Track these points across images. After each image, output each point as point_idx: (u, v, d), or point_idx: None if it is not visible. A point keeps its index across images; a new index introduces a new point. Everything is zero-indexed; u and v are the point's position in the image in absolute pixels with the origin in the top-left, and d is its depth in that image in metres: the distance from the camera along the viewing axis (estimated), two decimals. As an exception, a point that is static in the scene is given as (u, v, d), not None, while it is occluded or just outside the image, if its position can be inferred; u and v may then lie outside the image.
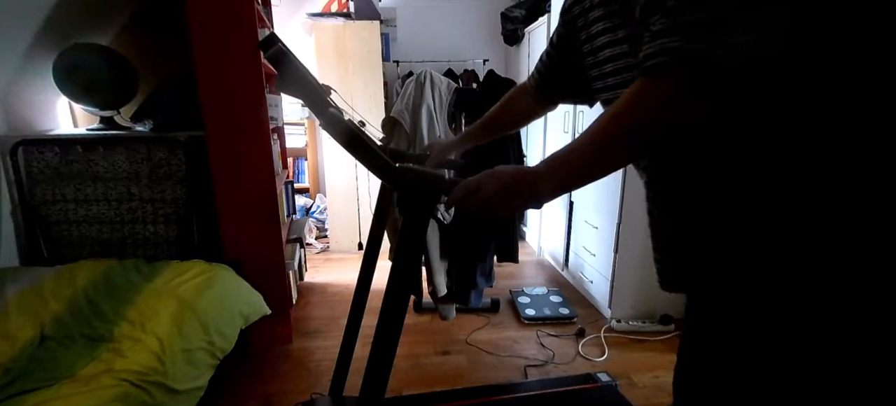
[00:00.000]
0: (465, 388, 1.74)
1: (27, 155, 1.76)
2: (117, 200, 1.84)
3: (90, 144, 1.79)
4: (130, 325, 1.32)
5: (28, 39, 1.73)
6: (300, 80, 0.77)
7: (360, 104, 3.07)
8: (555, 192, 0.70)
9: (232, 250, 1.88)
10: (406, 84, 2.25)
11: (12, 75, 1.73)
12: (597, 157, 0.67)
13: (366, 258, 1.25)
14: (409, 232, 0.79)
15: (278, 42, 0.77)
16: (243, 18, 1.71)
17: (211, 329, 1.44)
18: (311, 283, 2.79)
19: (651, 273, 2.42)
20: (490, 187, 0.71)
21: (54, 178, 1.79)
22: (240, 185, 1.84)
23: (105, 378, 1.10)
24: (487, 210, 0.72)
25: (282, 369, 1.89)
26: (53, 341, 1.25)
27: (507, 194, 0.70)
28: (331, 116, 0.77)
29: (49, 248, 1.83)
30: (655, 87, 0.60)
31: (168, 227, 1.88)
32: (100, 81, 1.82)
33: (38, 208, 1.80)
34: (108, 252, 1.85)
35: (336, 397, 1.34)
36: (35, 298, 1.40)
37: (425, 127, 2.10)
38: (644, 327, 2.17)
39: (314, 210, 3.77)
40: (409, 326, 2.23)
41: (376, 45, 3.08)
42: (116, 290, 1.50)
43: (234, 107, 1.77)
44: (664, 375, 1.85)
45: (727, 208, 0.67)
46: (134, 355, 1.19)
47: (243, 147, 1.81)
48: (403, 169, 0.80)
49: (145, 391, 1.13)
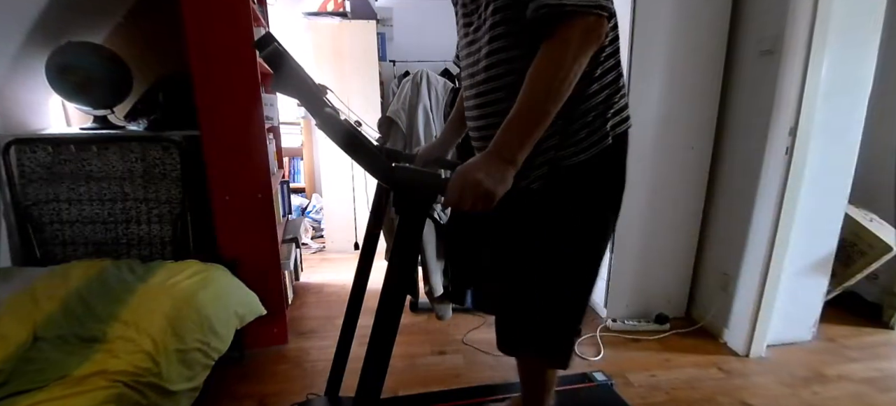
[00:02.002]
0: (461, 388, 1.75)
1: (19, 154, 1.74)
2: (111, 200, 1.82)
3: (83, 144, 1.78)
4: (124, 325, 1.31)
5: (20, 37, 1.71)
6: (296, 79, 0.77)
7: (357, 104, 3.06)
8: (523, 154, 0.81)
9: (227, 250, 1.87)
10: (402, 84, 2.25)
11: (4, 74, 1.72)
12: (553, 100, 0.80)
13: (362, 258, 1.25)
14: (405, 232, 0.79)
15: (274, 41, 0.77)
16: (239, 17, 1.70)
17: (206, 329, 1.43)
18: (306, 284, 2.79)
19: (647, 273, 2.43)
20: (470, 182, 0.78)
21: (47, 178, 1.78)
22: (235, 184, 1.83)
23: (98, 379, 1.09)
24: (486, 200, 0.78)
25: (277, 370, 1.89)
26: (46, 342, 1.24)
27: (492, 179, 0.78)
28: (327, 116, 0.77)
29: (42, 249, 1.81)
30: (584, 23, 0.78)
31: (162, 227, 1.86)
32: (93, 80, 1.81)
33: (31, 208, 1.78)
34: (102, 252, 1.83)
35: (332, 398, 1.33)
36: (28, 299, 1.39)
37: (421, 127, 2.10)
38: (639, 326, 2.17)
39: (310, 210, 3.76)
40: (405, 326, 2.22)
41: (372, 44, 3.08)
42: (110, 290, 1.48)
43: (229, 106, 1.76)
44: (660, 374, 1.86)
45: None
46: (128, 356, 1.18)
47: (239, 147, 1.80)
48: (400, 169, 0.80)
49: (139, 392, 1.12)
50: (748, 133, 1.93)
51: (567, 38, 0.78)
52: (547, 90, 0.80)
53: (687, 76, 1.98)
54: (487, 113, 1.01)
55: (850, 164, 1.94)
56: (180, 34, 1.71)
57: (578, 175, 0.97)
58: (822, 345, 2.08)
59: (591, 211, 1.02)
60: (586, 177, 0.98)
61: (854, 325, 2.25)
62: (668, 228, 2.16)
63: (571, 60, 0.79)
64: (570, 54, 0.79)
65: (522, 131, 0.81)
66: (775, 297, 1.91)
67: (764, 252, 1.88)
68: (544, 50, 0.80)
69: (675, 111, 2.00)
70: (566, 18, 0.78)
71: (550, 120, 0.82)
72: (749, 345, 1.96)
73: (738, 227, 2.00)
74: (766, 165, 1.85)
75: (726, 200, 2.09)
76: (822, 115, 1.75)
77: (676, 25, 1.91)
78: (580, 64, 0.80)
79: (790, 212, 1.81)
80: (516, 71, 0.91)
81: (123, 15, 2.17)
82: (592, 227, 1.03)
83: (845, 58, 1.78)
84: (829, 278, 2.08)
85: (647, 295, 2.23)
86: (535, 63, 0.81)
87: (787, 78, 1.74)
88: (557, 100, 0.80)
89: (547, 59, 0.80)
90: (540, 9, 0.80)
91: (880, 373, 1.88)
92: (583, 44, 0.79)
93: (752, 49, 1.90)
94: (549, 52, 0.80)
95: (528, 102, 0.81)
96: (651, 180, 2.06)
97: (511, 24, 0.91)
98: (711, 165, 2.11)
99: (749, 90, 1.93)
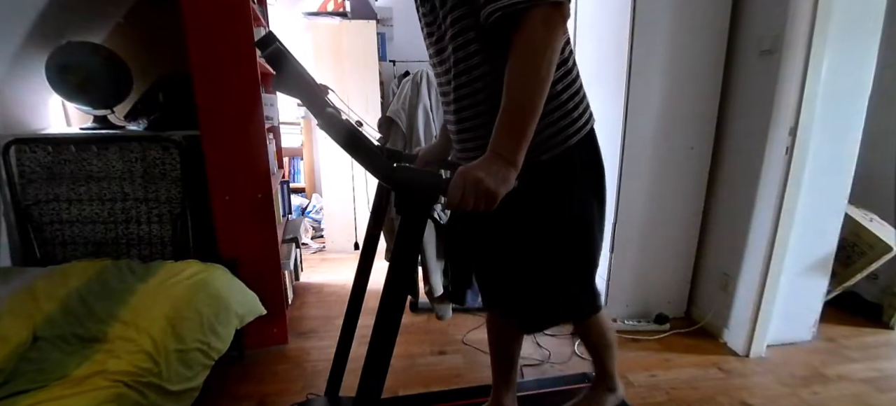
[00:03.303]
0: (461, 388, 1.74)
1: (19, 154, 1.74)
2: (111, 200, 1.82)
3: (83, 144, 1.78)
4: (124, 325, 1.31)
5: (20, 37, 1.71)
6: (298, 79, 0.77)
7: (357, 104, 3.06)
8: (521, 152, 0.82)
9: (227, 250, 1.87)
10: (402, 84, 2.25)
11: (4, 73, 1.71)
12: (537, 92, 0.81)
13: (362, 258, 1.24)
14: (406, 232, 0.79)
15: (276, 41, 0.76)
16: (239, 17, 1.70)
17: (206, 329, 1.43)
18: (306, 284, 2.78)
19: (647, 273, 2.43)
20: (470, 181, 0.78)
21: (47, 178, 1.77)
22: (235, 184, 1.83)
23: (98, 379, 1.09)
24: (488, 199, 0.79)
25: (277, 370, 1.88)
26: (46, 342, 1.24)
27: (494, 179, 0.79)
28: (329, 116, 0.77)
29: (42, 249, 1.81)
30: (541, 12, 0.79)
31: (162, 227, 1.86)
32: (93, 80, 1.81)
33: (31, 208, 1.78)
34: (102, 252, 1.83)
35: (332, 398, 1.33)
36: (27, 299, 1.39)
37: (421, 127, 2.09)
38: (639, 327, 2.17)
39: (310, 210, 3.75)
40: (405, 326, 2.22)
41: (372, 44, 3.07)
42: (110, 290, 1.48)
43: (229, 106, 1.76)
44: (660, 374, 1.86)
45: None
46: (128, 356, 1.18)
47: (239, 146, 1.80)
48: (401, 169, 0.79)
49: (139, 392, 1.12)
50: (748, 133, 1.93)
51: (531, 31, 0.80)
52: (528, 84, 0.81)
53: (687, 76, 1.98)
54: (465, 117, 1.04)
55: (850, 165, 1.94)
56: (180, 34, 1.71)
57: (551, 168, 1.02)
58: (822, 345, 2.08)
59: (569, 195, 1.06)
60: (558, 169, 1.02)
61: (854, 325, 2.25)
62: (668, 228, 2.16)
63: (542, 49, 0.80)
64: (539, 44, 0.80)
65: (515, 129, 0.82)
66: (775, 297, 1.91)
67: (764, 252, 1.88)
68: (514, 48, 0.82)
69: (675, 111, 2.00)
70: (522, 14, 0.80)
71: (539, 113, 0.83)
72: (749, 345, 1.96)
73: (738, 227, 2.00)
74: (766, 165, 1.85)
75: (726, 200, 2.09)
76: (822, 115, 1.75)
77: (676, 25, 1.91)
78: (553, 50, 0.81)
79: (790, 211, 1.81)
80: (484, 79, 0.95)
81: (123, 15, 2.17)
82: (574, 205, 1.07)
83: (845, 58, 1.78)
84: (829, 278, 2.08)
85: (647, 295, 2.23)
86: (510, 62, 0.82)
87: (787, 78, 1.74)
88: (541, 91, 0.82)
89: (520, 55, 0.81)
90: (493, 14, 0.82)
91: (880, 373, 1.88)
92: (549, 30, 0.80)
93: (752, 49, 1.90)
94: (520, 48, 0.81)
95: (515, 100, 0.82)
96: (651, 180, 2.06)
97: (471, 34, 0.93)
98: (711, 165, 2.11)
99: (749, 90, 1.93)
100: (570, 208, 1.07)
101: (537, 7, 0.79)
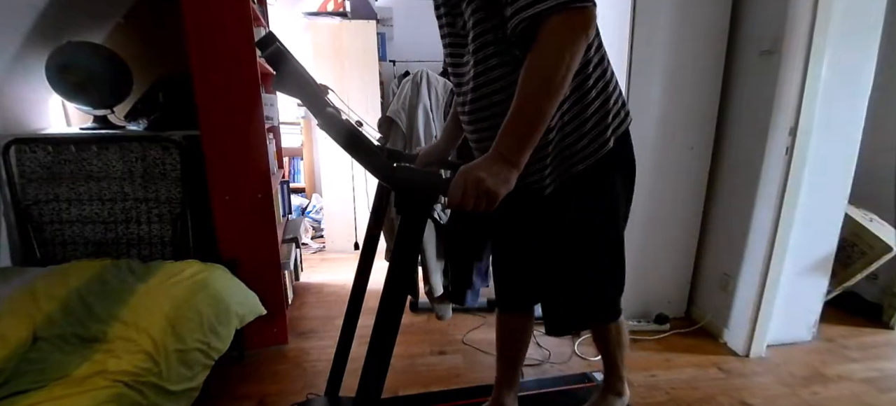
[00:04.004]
0: (461, 388, 1.74)
1: (19, 154, 1.74)
2: (111, 200, 1.82)
3: (83, 143, 1.78)
4: (124, 325, 1.31)
5: (20, 37, 1.71)
6: (298, 79, 0.77)
7: (357, 104, 3.06)
8: (524, 155, 0.82)
9: (227, 250, 1.87)
10: (402, 84, 2.25)
11: (4, 73, 1.71)
12: (548, 98, 0.80)
13: (362, 258, 1.24)
14: (406, 232, 0.79)
15: (276, 41, 0.76)
16: (239, 17, 1.70)
17: (206, 329, 1.43)
18: (306, 284, 2.78)
19: (647, 273, 2.42)
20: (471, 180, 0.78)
21: (47, 178, 1.77)
22: (235, 184, 1.83)
23: (98, 379, 1.09)
24: (488, 199, 0.79)
25: (277, 370, 1.88)
26: (46, 342, 1.24)
27: (495, 180, 0.79)
28: (329, 116, 0.77)
29: (42, 249, 1.81)
30: (562, 18, 0.78)
31: (162, 227, 1.86)
32: (93, 80, 1.81)
33: (31, 208, 1.78)
34: (102, 252, 1.83)
35: (332, 398, 1.33)
36: (27, 299, 1.39)
37: (422, 127, 2.09)
38: (639, 327, 2.17)
39: (310, 210, 3.75)
40: (405, 326, 2.22)
41: (372, 44, 3.07)
42: (110, 290, 1.48)
43: (229, 106, 1.76)
44: (660, 374, 1.86)
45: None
46: (128, 356, 1.18)
47: (239, 146, 1.80)
48: (402, 169, 0.80)
49: (139, 392, 1.12)
50: (748, 133, 1.93)
51: (551, 35, 0.79)
52: (541, 89, 0.80)
53: (687, 76, 1.98)
54: (482, 128, 1.05)
55: (850, 165, 1.94)
56: (180, 34, 1.71)
57: (586, 178, 1.04)
58: (822, 345, 2.08)
59: (603, 201, 1.10)
60: (593, 179, 1.04)
61: (854, 325, 2.25)
62: (668, 228, 2.15)
63: (560, 55, 0.79)
64: (557, 49, 0.79)
65: (521, 132, 0.81)
66: (775, 297, 1.91)
67: (764, 252, 1.88)
68: (532, 52, 0.81)
69: (675, 111, 2.00)
70: (545, 20, 0.79)
71: (548, 119, 0.82)
72: (749, 345, 1.96)
73: (738, 227, 2.00)
74: (766, 165, 1.85)
75: (726, 200, 2.09)
76: (822, 114, 1.75)
77: (676, 25, 1.91)
78: (573, 55, 0.80)
79: (790, 212, 1.81)
80: (505, 88, 0.95)
81: (123, 15, 2.17)
82: (608, 214, 1.13)
83: (845, 58, 1.78)
84: (829, 278, 2.08)
85: (647, 295, 2.23)
86: (526, 64, 0.81)
87: (787, 78, 1.74)
88: (553, 97, 0.80)
89: (537, 60, 0.80)
90: (519, 24, 0.81)
91: (880, 373, 1.88)
92: (569, 36, 0.79)
93: (752, 49, 1.90)
94: (538, 52, 0.80)
95: (524, 103, 0.81)
96: (651, 180, 2.06)
97: (494, 43, 0.93)
98: (711, 165, 2.11)
99: (749, 90, 1.93)
100: (605, 216, 1.11)
101: (560, 12, 0.78)
